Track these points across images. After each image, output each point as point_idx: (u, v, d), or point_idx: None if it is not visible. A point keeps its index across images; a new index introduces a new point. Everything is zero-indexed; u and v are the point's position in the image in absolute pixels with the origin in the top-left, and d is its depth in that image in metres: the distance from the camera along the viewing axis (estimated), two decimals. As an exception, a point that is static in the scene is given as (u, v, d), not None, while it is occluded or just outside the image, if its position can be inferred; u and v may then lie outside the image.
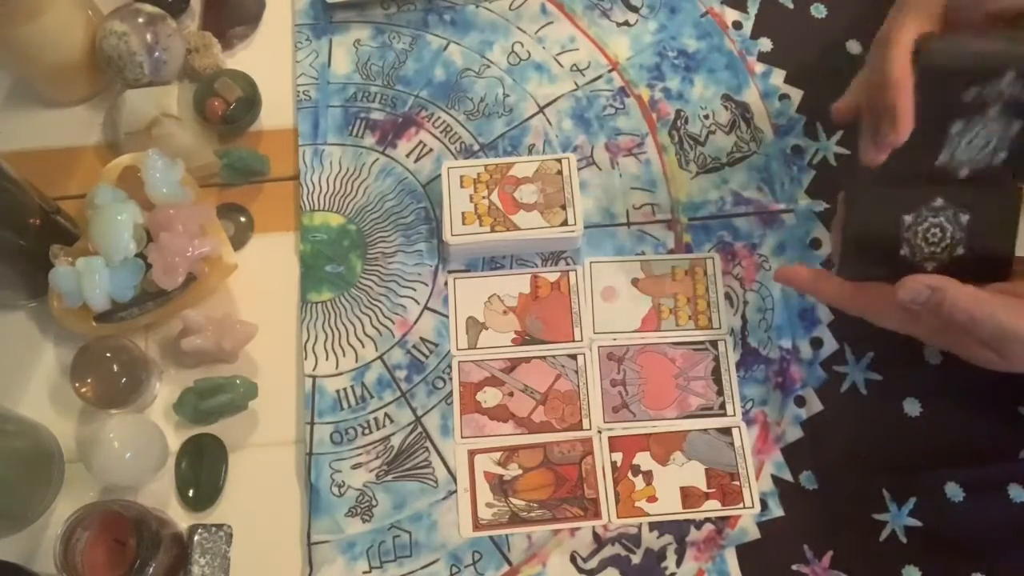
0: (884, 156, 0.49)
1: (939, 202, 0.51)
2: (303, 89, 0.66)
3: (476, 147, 0.65)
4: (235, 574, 0.55)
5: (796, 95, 0.67)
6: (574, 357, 0.60)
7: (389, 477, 0.57)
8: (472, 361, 0.60)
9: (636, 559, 0.55)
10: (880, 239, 0.51)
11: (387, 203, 0.64)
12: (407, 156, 0.65)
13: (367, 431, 0.58)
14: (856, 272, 0.52)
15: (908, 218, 0.51)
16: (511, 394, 0.59)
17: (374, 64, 0.67)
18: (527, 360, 0.60)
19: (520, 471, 0.57)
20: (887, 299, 0.50)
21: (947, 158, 0.50)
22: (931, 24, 0.49)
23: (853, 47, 0.68)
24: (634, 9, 0.70)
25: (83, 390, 0.56)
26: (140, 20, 0.62)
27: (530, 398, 0.59)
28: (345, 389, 0.59)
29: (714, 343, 0.60)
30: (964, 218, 0.50)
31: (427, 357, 0.60)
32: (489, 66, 0.67)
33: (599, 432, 0.58)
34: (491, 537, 0.56)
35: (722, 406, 0.59)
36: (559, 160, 0.62)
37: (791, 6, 0.70)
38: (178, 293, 0.58)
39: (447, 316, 0.61)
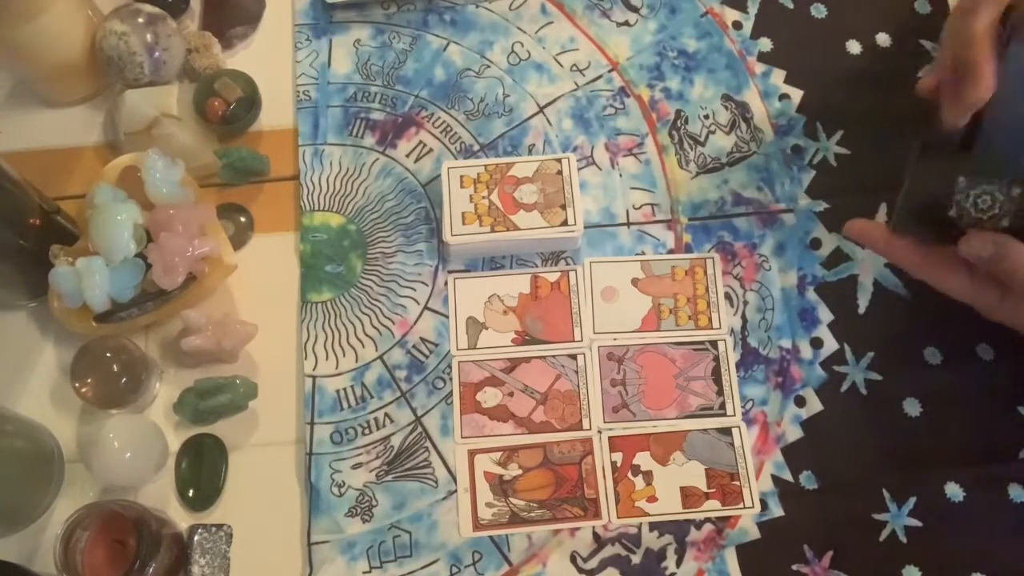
0: (966, 118, 0.49)
1: None
2: (303, 89, 0.66)
3: (476, 147, 0.65)
4: (235, 574, 0.55)
5: (796, 95, 0.67)
6: (574, 357, 0.60)
7: (389, 477, 0.57)
8: (472, 361, 0.60)
9: (636, 559, 0.55)
10: (935, 197, 0.51)
11: (387, 203, 0.64)
12: (407, 156, 0.65)
13: (367, 431, 0.58)
14: (906, 221, 0.52)
15: (963, 180, 0.50)
16: (511, 394, 0.59)
17: (374, 64, 0.67)
18: (527, 360, 0.59)
19: (520, 471, 0.57)
20: (955, 266, 0.51)
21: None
22: None
23: (853, 47, 0.68)
24: (634, 9, 0.70)
25: (83, 390, 0.56)
26: (140, 20, 0.62)
27: (530, 398, 0.59)
28: (345, 389, 0.59)
29: (714, 343, 0.60)
30: (1016, 191, 0.49)
31: (427, 357, 0.60)
32: (489, 66, 0.67)
33: (599, 432, 0.58)
34: (491, 537, 0.56)
35: (722, 406, 0.59)
36: (559, 160, 0.62)
37: (791, 6, 0.70)
38: (178, 293, 0.57)
39: (447, 316, 0.61)
